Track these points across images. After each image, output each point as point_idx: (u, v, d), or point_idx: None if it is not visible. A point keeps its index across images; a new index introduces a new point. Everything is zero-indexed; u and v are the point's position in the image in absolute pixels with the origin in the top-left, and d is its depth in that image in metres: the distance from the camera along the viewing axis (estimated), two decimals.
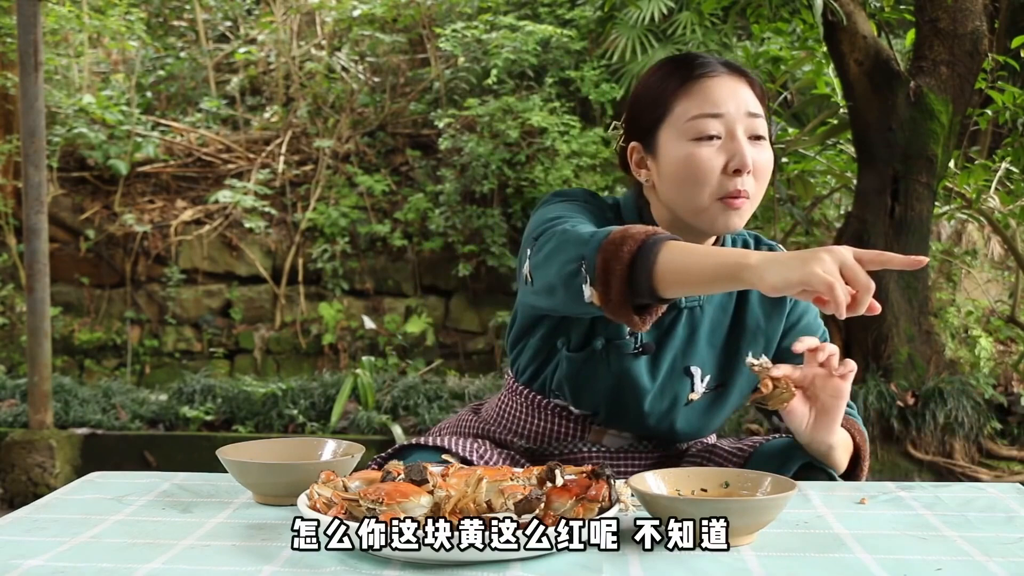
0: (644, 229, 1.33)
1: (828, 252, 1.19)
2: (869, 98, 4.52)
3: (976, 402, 4.49)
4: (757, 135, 1.51)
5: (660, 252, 1.29)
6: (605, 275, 1.31)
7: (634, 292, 1.31)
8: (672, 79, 1.53)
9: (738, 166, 1.48)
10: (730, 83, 1.52)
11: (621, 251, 1.30)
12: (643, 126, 1.56)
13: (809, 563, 1.15)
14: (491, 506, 1.21)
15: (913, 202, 4.54)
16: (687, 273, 1.29)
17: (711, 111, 1.49)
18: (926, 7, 4.53)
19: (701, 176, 1.48)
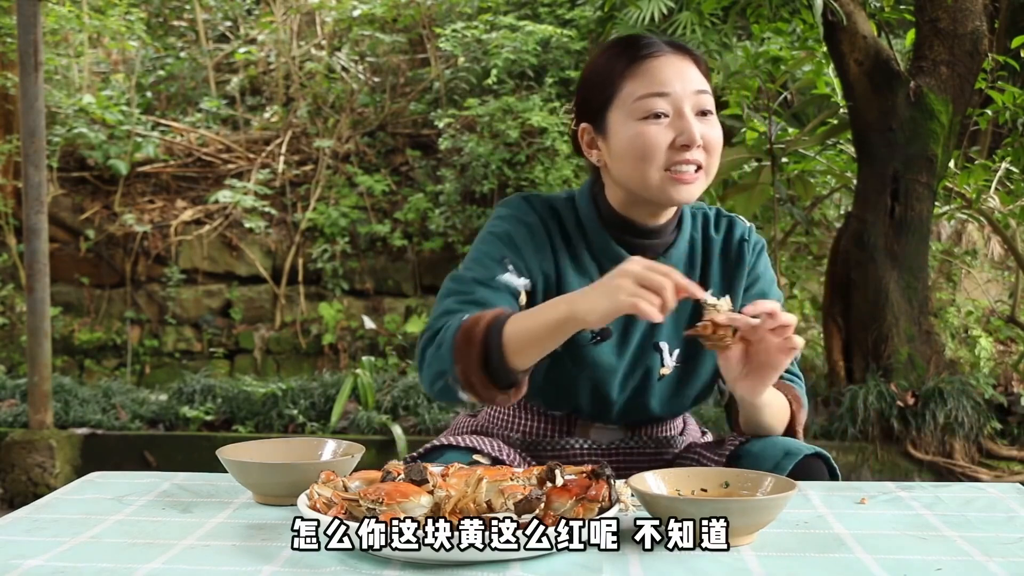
0: (484, 323, 1.43)
1: (622, 275, 1.33)
2: (869, 98, 4.52)
3: (976, 402, 4.49)
4: (705, 110, 1.55)
5: (503, 336, 1.42)
6: (467, 380, 1.45)
7: (497, 381, 1.44)
8: (619, 60, 1.57)
9: (686, 141, 1.52)
10: (675, 62, 1.56)
11: (470, 355, 1.43)
12: (593, 107, 1.60)
13: (809, 563, 1.15)
14: (491, 506, 1.22)
15: (913, 202, 4.54)
16: (529, 341, 1.41)
17: (658, 90, 1.53)
18: (926, 7, 4.53)
19: (650, 153, 1.53)
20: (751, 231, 1.72)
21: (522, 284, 1.59)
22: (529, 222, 1.63)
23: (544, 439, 1.70)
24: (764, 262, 1.72)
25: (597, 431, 1.69)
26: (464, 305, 1.53)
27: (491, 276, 1.57)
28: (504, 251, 1.60)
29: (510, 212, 1.65)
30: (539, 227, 1.63)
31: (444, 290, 1.60)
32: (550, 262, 1.62)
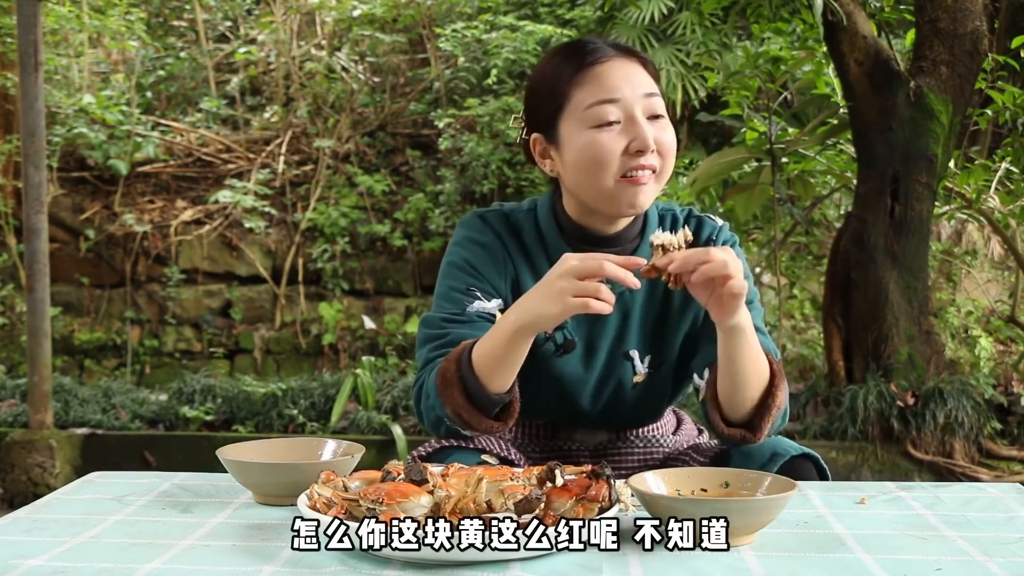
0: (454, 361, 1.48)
1: (561, 276, 1.36)
2: (869, 98, 4.52)
3: (976, 402, 4.49)
4: (656, 114, 1.53)
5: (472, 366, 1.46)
6: (461, 419, 1.49)
7: (486, 410, 1.49)
8: (565, 68, 1.55)
9: (639, 147, 1.50)
10: (623, 66, 1.54)
11: (453, 395, 1.47)
12: (542, 118, 1.59)
13: (809, 563, 1.15)
14: (491, 506, 1.22)
15: (913, 202, 4.54)
16: (494, 361, 1.45)
17: (607, 96, 1.51)
18: (926, 7, 4.53)
19: (603, 160, 1.51)
20: (721, 230, 1.68)
21: (494, 306, 1.60)
22: (484, 241, 1.63)
23: (531, 442, 1.71)
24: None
25: (582, 434, 1.70)
26: (440, 351, 1.56)
27: (460, 310, 1.58)
28: (466, 279, 1.60)
29: (464, 234, 1.66)
30: (495, 244, 1.63)
31: (421, 336, 1.62)
32: (510, 278, 1.63)
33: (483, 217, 1.67)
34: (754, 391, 1.52)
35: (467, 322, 1.57)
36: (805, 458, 1.59)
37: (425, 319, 1.62)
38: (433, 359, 1.56)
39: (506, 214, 1.68)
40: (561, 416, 1.69)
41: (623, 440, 1.71)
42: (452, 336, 1.56)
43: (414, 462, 1.51)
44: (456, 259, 1.64)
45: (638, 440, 1.72)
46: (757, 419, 1.52)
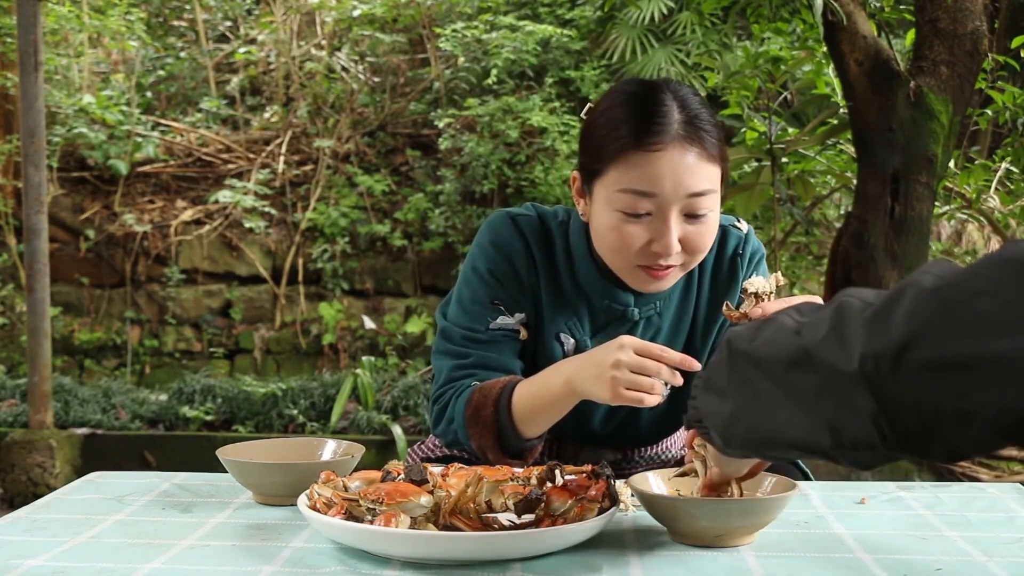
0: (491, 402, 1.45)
1: (616, 366, 1.32)
2: (869, 98, 4.52)
3: None
4: (696, 214, 1.42)
5: (511, 412, 1.45)
6: (484, 454, 1.49)
7: (513, 451, 1.48)
8: (619, 134, 1.41)
9: (659, 251, 1.41)
10: (677, 157, 1.38)
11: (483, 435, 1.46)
12: (584, 164, 1.49)
13: (809, 563, 1.15)
14: (491, 506, 1.22)
15: (913, 202, 4.54)
16: (536, 413, 1.45)
17: (643, 189, 1.39)
18: (926, 7, 4.53)
19: (621, 249, 1.44)
20: (747, 240, 1.61)
21: (517, 320, 1.56)
22: (512, 249, 1.55)
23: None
24: (763, 273, 1.62)
25: (588, 453, 1.66)
26: (464, 371, 1.52)
27: (482, 327, 1.54)
28: (490, 292, 1.54)
29: (490, 239, 1.56)
30: (523, 253, 1.55)
31: (440, 347, 1.58)
32: (532, 291, 1.57)
33: (515, 220, 1.56)
34: None
35: (489, 342, 1.54)
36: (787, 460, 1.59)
37: (445, 331, 1.57)
38: (457, 379, 1.53)
39: (541, 221, 1.58)
40: (569, 431, 1.64)
41: (628, 460, 1.69)
42: (475, 359, 1.53)
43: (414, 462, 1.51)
44: (481, 267, 1.56)
45: (642, 461, 1.70)
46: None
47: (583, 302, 1.57)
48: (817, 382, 0.86)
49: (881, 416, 0.80)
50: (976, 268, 0.77)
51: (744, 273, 1.61)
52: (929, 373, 0.76)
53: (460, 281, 1.60)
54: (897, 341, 0.77)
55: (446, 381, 1.54)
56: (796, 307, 0.97)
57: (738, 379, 0.97)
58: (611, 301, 1.56)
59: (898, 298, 0.80)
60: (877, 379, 0.79)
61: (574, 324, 1.57)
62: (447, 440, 1.54)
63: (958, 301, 0.75)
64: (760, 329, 0.97)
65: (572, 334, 1.57)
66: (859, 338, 0.81)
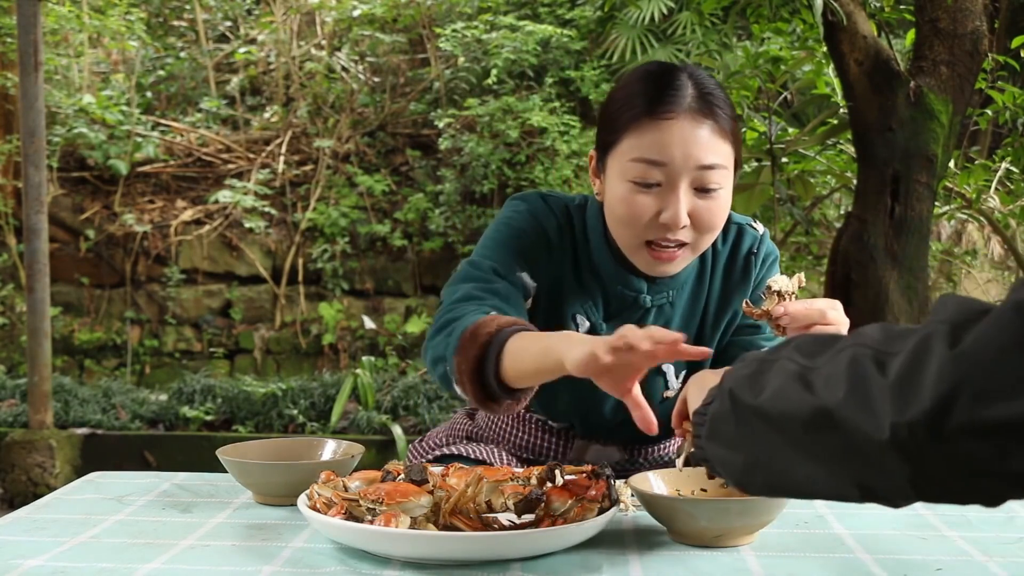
0: (493, 327, 1.33)
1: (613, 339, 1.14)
2: (869, 98, 4.52)
3: None
4: (706, 188, 1.42)
5: (504, 349, 1.31)
6: (460, 376, 1.35)
7: (486, 390, 1.34)
8: (633, 105, 1.43)
9: (667, 222, 1.41)
10: (688, 128, 1.40)
11: (468, 353, 1.33)
12: (600, 141, 1.51)
13: (809, 563, 1.15)
14: (491, 506, 1.22)
15: (913, 202, 4.54)
16: (521, 368, 1.30)
17: (654, 158, 1.40)
18: (926, 7, 4.53)
19: (631, 220, 1.43)
20: (762, 241, 1.62)
21: (532, 287, 1.54)
22: (546, 224, 1.55)
23: (540, 457, 1.68)
24: (775, 275, 1.59)
25: (595, 452, 1.66)
26: (484, 294, 1.46)
27: (510, 270, 1.51)
28: (522, 248, 1.53)
29: (528, 208, 1.57)
30: (555, 231, 1.55)
31: (462, 273, 1.52)
32: (556, 269, 1.56)
33: (547, 200, 1.58)
34: None
35: (513, 284, 1.49)
36: None
37: (473, 261, 1.52)
38: (475, 297, 1.45)
39: (566, 203, 1.59)
40: (578, 422, 1.64)
41: (633, 462, 1.68)
42: (499, 286, 1.47)
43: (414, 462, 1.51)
44: (517, 225, 1.54)
45: (647, 464, 1.70)
46: None
47: (598, 286, 1.57)
48: (841, 444, 0.83)
49: (918, 478, 0.79)
50: (998, 321, 0.75)
51: (757, 273, 1.61)
52: (968, 438, 0.74)
53: (492, 232, 1.56)
54: (930, 409, 0.75)
55: (465, 297, 1.45)
56: (795, 344, 0.92)
57: (748, 433, 0.93)
58: (624, 287, 1.56)
59: (922, 359, 0.77)
60: (913, 447, 0.77)
61: (590, 307, 1.57)
62: (434, 353, 1.42)
63: (986, 360, 0.73)
64: (761, 376, 0.92)
65: (588, 317, 1.57)
66: (887, 405, 0.78)
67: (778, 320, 1.31)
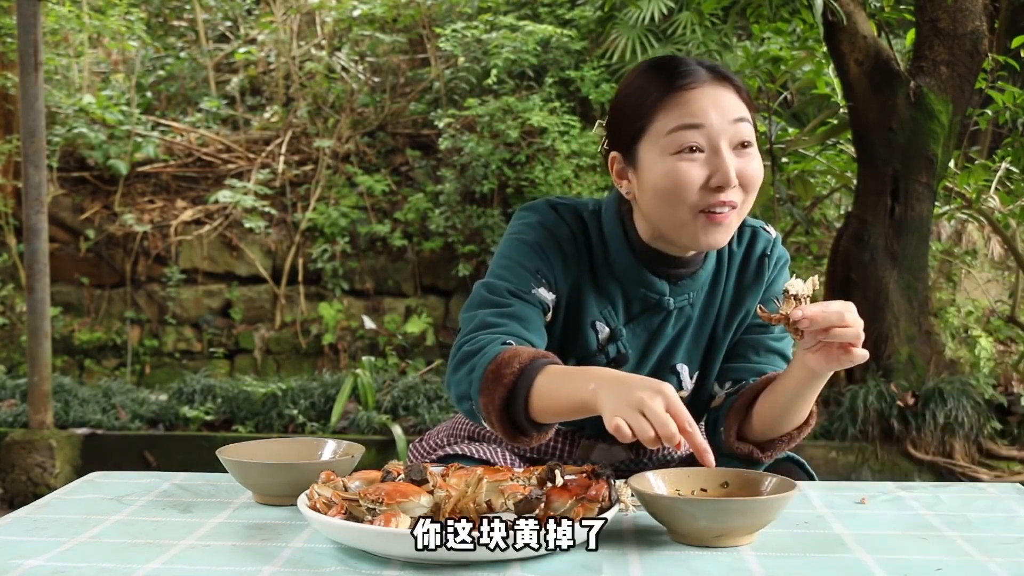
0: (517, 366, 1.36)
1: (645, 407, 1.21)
2: (869, 98, 4.52)
3: (976, 402, 4.49)
4: (744, 142, 1.45)
5: (531, 390, 1.35)
6: (488, 415, 1.39)
7: (516, 426, 1.39)
8: (652, 89, 1.46)
9: (720, 182, 1.42)
10: (712, 92, 1.45)
11: (495, 393, 1.36)
12: (623, 138, 1.50)
13: (809, 563, 1.15)
14: (491, 506, 1.22)
15: (913, 202, 4.54)
16: (550, 406, 1.35)
17: (691, 122, 1.43)
18: (926, 7, 4.53)
19: (682, 191, 1.43)
20: (774, 244, 1.63)
21: (551, 299, 1.53)
22: (558, 233, 1.54)
23: (544, 457, 1.68)
24: (784, 278, 1.64)
25: (601, 451, 1.66)
26: (502, 320, 1.47)
27: (526, 288, 1.51)
28: (537, 262, 1.52)
29: (538, 219, 1.56)
30: (568, 239, 1.55)
31: (476, 298, 1.52)
32: (573, 277, 1.56)
33: (556, 208, 1.57)
34: (794, 426, 1.51)
35: (530, 304, 1.50)
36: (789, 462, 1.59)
37: (488, 284, 1.52)
38: (493, 325, 1.46)
39: (577, 210, 1.59)
40: (590, 424, 1.63)
41: (638, 463, 1.68)
42: (516, 310, 1.48)
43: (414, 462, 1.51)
44: (528, 239, 1.54)
45: (651, 464, 1.70)
46: (773, 446, 1.52)
47: (618, 290, 1.57)
48: None
49: None
50: None
51: (769, 275, 1.62)
52: None
53: (504, 249, 1.56)
54: None
55: (481, 326, 1.47)
56: None
57: None
58: (646, 290, 1.56)
59: None
60: None
61: (608, 312, 1.57)
62: (459, 390, 1.44)
63: None
64: None
65: (607, 322, 1.57)
66: None
67: (796, 323, 1.31)
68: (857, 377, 4.62)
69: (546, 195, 6.11)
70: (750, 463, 1.53)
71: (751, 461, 1.51)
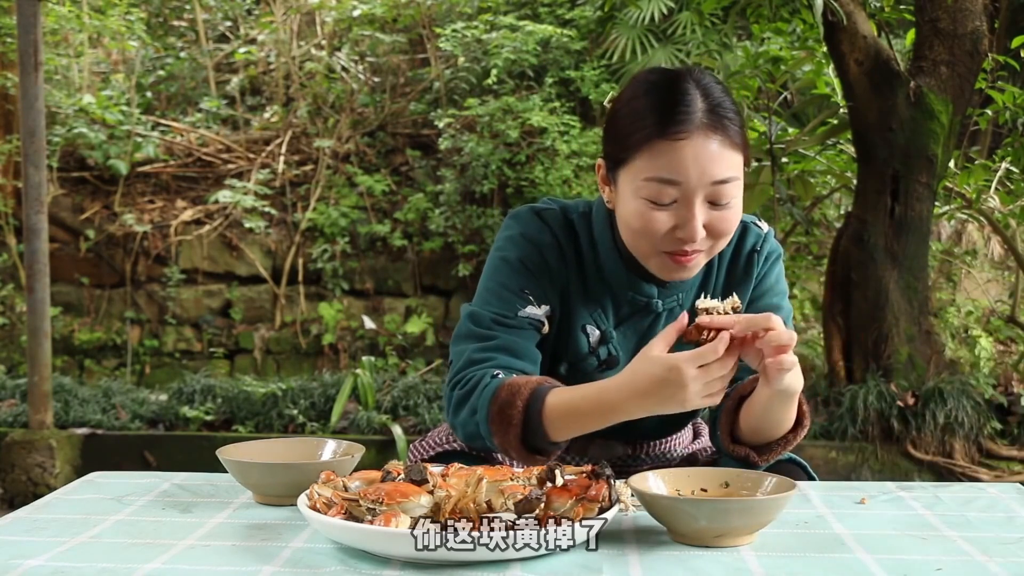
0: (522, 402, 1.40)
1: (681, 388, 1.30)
2: (869, 98, 4.52)
3: (976, 402, 4.49)
4: (719, 202, 1.42)
5: (543, 415, 1.40)
6: (506, 451, 1.44)
7: (537, 452, 1.43)
8: (642, 124, 1.42)
9: (684, 236, 1.42)
10: (701, 145, 1.39)
11: (508, 432, 1.41)
12: (608, 153, 1.49)
13: (809, 563, 1.15)
14: (491, 506, 1.22)
15: (913, 202, 4.54)
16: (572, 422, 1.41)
17: (669, 177, 1.40)
18: (926, 7, 4.53)
19: (647, 235, 1.44)
20: (765, 239, 1.62)
21: (543, 313, 1.54)
22: (542, 242, 1.54)
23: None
24: (776, 273, 1.63)
25: (597, 447, 1.66)
26: (489, 354, 1.48)
27: (512, 313, 1.52)
28: (521, 280, 1.53)
29: (520, 231, 1.56)
30: (552, 247, 1.55)
31: (463, 330, 1.53)
32: (560, 285, 1.56)
33: (540, 215, 1.57)
34: (778, 434, 1.50)
35: (518, 328, 1.51)
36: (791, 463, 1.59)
37: (473, 314, 1.53)
38: (480, 362, 1.48)
39: (564, 214, 1.58)
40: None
41: (635, 458, 1.69)
42: (501, 341, 1.50)
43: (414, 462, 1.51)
44: (511, 256, 1.55)
45: (648, 459, 1.70)
46: (769, 449, 1.51)
47: (607, 293, 1.57)
48: None
49: None
50: None
51: (759, 270, 1.61)
52: None
53: (489, 270, 1.57)
54: None
55: (467, 364, 1.49)
56: None
57: None
58: (635, 292, 1.56)
59: None
60: None
61: (599, 315, 1.57)
62: (466, 431, 1.47)
63: None
64: None
65: (597, 325, 1.57)
66: None
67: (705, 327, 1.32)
68: (857, 377, 4.62)
69: (546, 195, 6.11)
70: (748, 466, 1.53)
71: (749, 464, 1.51)
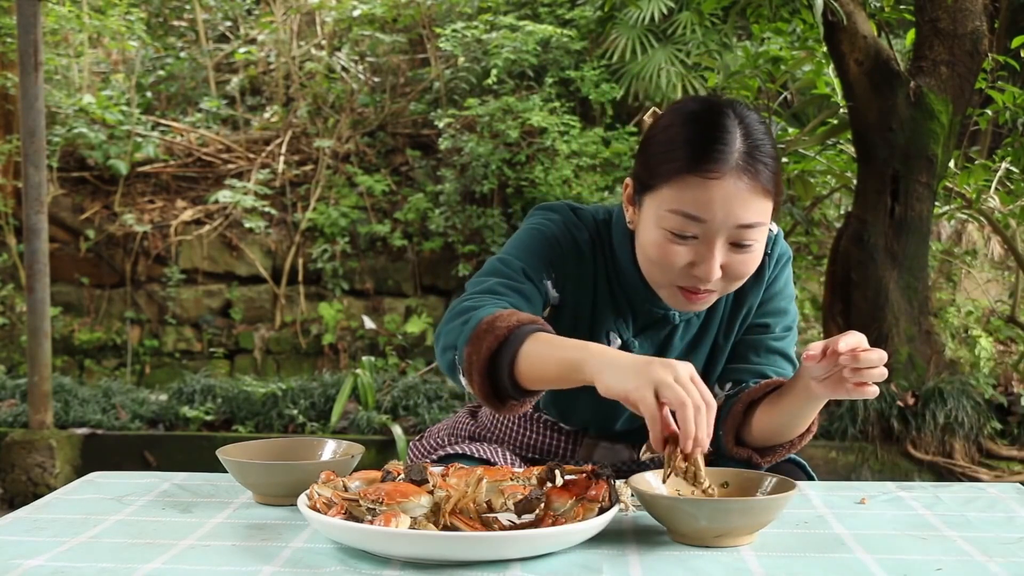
0: (512, 322, 1.32)
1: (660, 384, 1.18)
2: (869, 98, 4.52)
3: (976, 402, 4.49)
4: (742, 244, 1.39)
5: (520, 348, 1.30)
6: (469, 367, 1.33)
7: (496, 387, 1.34)
8: (676, 155, 1.38)
9: (701, 275, 1.40)
10: (732, 187, 1.35)
11: (481, 345, 1.31)
12: (638, 175, 1.47)
13: (809, 563, 1.15)
14: (491, 506, 1.22)
15: (913, 202, 4.54)
16: (540, 372, 1.30)
17: (694, 213, 1.36)
18: (926, 7, 4.53)
19: (664, 267, 1.42)
20: (776, 241, 1.60)
21: (555, 297, 1.53)
22: (577, 236, 1.54)
23: (547, 456, 1.68)
24: (786, 276, 1.62)
25: (603, 451, 1.66)
26: (508, 291, 1.44)
27: (538, 276, 1.50)
28: (552, 256, 1.51)
29: (561, 218, 1.55)
30: (587, 243, 1.54)
31: (489, 268, 1.50)
32: (585, 281, 1.55)
33: (577, 212, 1.56)
34: (795, 436, 1.50)
35: (539, 290, 1.49)
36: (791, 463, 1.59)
37: (502, 258, 1.50)
38: (499, 293, 1.43)
39: (593, 217, 1.57)
40: (593, 426, 1.65)
41: (640, 464, 1.69)
42: (527, 289, 1.46)
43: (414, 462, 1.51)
44: (548, 232, 1.52)
45: (652, 465, 1.70)
46: (772, 452, 1.51)
47: (627, 302, 1.57)
48: None
49: None
50: None
51: (770, 273, 1.59)
52: None
53: (523, 235, 1.54)
54: None
55: (487, 289, 1.43)
56: None
57: None
58: (652, 305, 1.56)
59: None
60: None
61: (621, 324, 1.57)
62: (446, 340, 1.39)
63: None
64: None
65: (620, 334, 1.57)
66: None
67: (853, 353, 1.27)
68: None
69: (546, 195, 6.11)
70: (749, 468, 1.53)
71: (750, 466, 1.51)
